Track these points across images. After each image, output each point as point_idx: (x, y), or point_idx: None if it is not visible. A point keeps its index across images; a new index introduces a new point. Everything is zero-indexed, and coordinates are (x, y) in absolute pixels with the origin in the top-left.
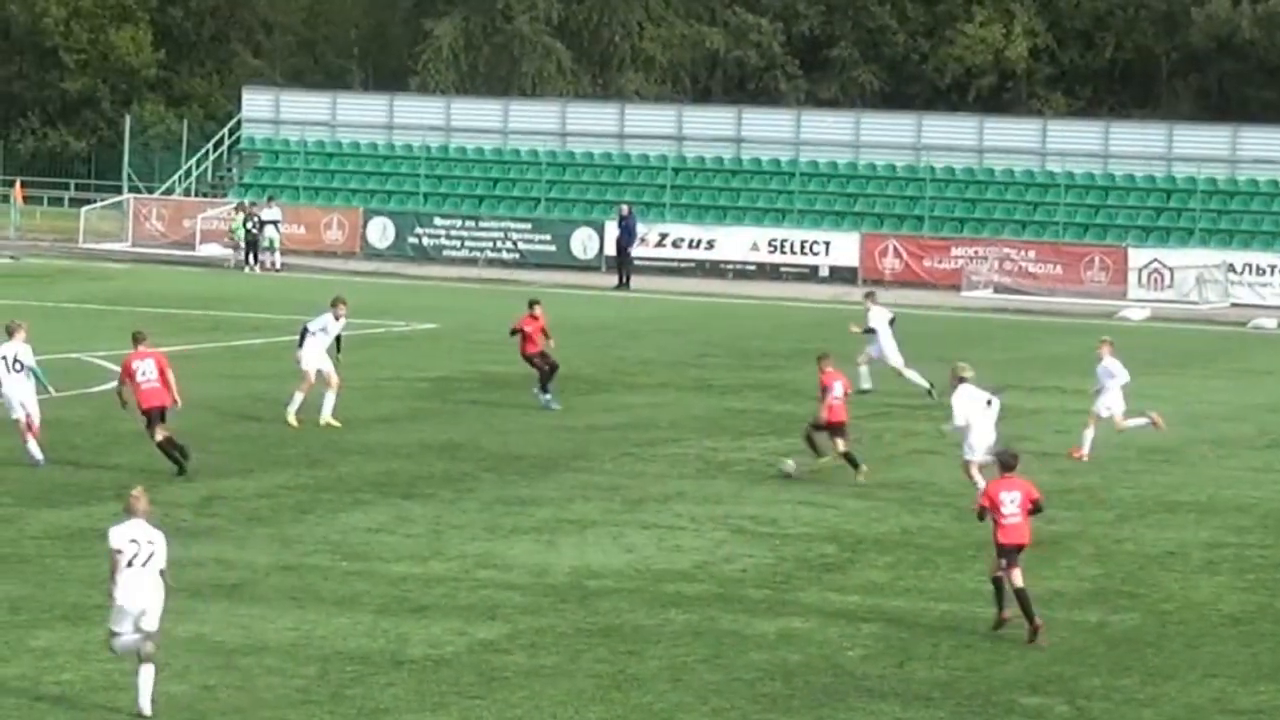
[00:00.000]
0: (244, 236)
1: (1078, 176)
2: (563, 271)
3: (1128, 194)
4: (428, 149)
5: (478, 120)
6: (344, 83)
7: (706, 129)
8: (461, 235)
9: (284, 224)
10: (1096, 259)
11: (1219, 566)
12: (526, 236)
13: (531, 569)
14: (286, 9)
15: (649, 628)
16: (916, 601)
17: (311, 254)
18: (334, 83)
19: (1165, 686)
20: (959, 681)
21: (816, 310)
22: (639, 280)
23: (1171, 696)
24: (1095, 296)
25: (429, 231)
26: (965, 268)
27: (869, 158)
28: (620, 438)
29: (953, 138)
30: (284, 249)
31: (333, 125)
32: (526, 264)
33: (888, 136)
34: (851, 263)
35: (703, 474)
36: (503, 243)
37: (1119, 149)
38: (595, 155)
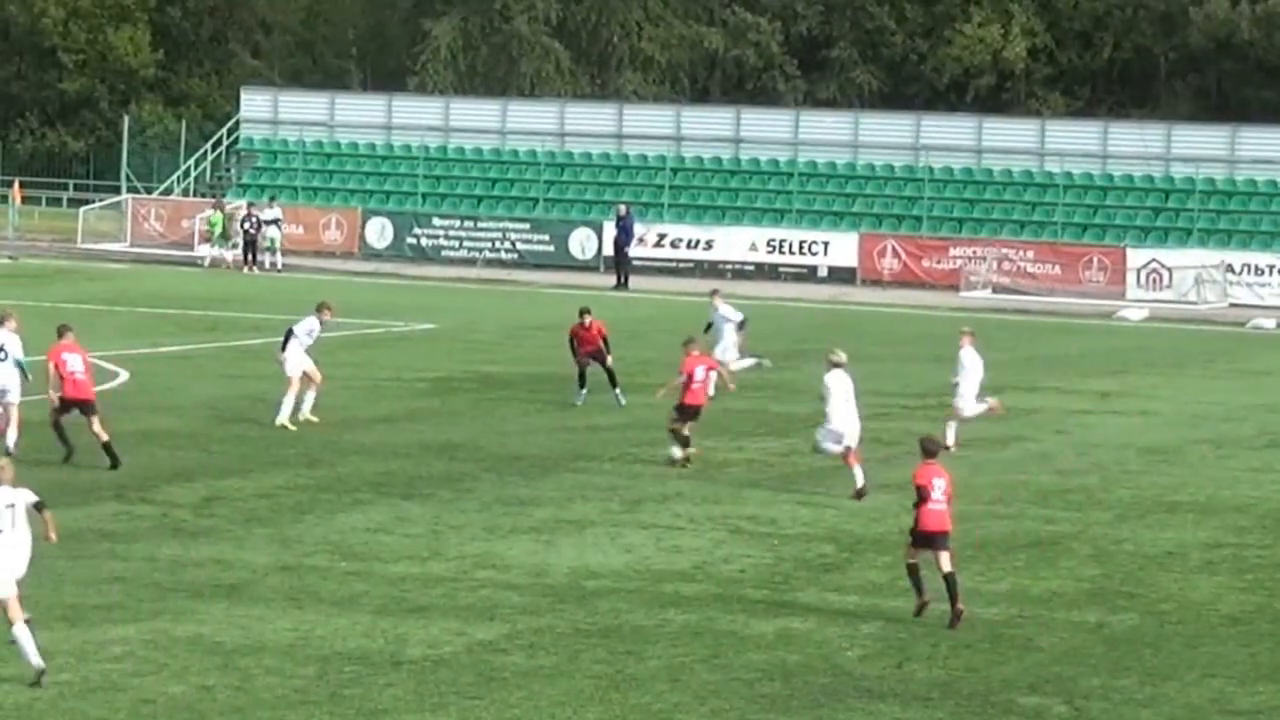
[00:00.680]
0: (241, 235)
1: (1076, 177)
2: (561, 272)
3: (1126, 194)
4: (426, 149)
5: (476, 120)
6: (342, 83)
7: (705, 129)
8: (460, 235)
9: (284, 224)
10: (1095, 259)
11: (1218, 567)
12: (525, 237)
13: (530, 569)
14: (285, 9)
15: (647, 628)
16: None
17: (310, 254)
18: (332, 83)
19: (1164, 687)
20: (958, 682)
21: (815, 310)
22: (638, 280)
23: (1170, 697)
24: (1094, 297)
25: (427, 232)
26: (964, 268)
27: (867, 158)
28: (619, 438)
29: (951, 138)
30: (283, 249)
31: (331, 125)
32: (525, 264)
33: (886, 137)
34: (850, 263)
35: (701, 474)
36: (501, 243)
37: (1117, 149)
38: (594, 155)
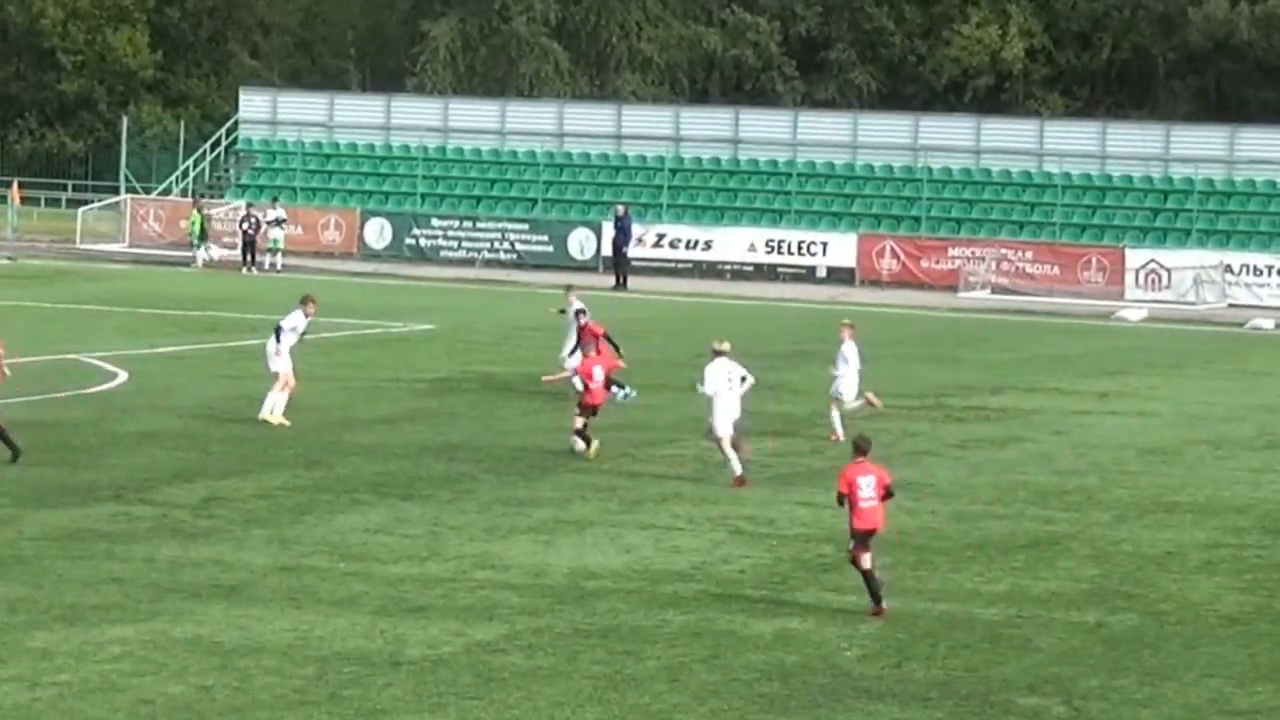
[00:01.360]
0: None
1: (1075, 177)
2: (560, 272)
3: (1125, 194)
4: (425, 150)
5: (475, 121)
6: (341, 84)
7: (704, 130)
8: (459, 236)
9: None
10: (1094, 260)
11: (1217, 567)
12: (524, 237)
13: (529, 570)
14: (284, 10)
15: (646, 628)
16: (914, 602)
17: (309, 255)
18: (331, 83)
19: (1163, 687)
20: (956, 682)
21: (814, 311)
22: (637, 281)
23: (1169, 697)
24: (1092, 297)
25: (426, 232)
26: (963, 268)
27: (866, 158)
28: (618, 438)
29: (950, 138)
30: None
31: (330, 126)
32: (524, 265)
33: (885, 137)
34: (849, 263)
35: (700, 475)
36: (500, 243)
37: (1116, 149)
38: (592, 156)
